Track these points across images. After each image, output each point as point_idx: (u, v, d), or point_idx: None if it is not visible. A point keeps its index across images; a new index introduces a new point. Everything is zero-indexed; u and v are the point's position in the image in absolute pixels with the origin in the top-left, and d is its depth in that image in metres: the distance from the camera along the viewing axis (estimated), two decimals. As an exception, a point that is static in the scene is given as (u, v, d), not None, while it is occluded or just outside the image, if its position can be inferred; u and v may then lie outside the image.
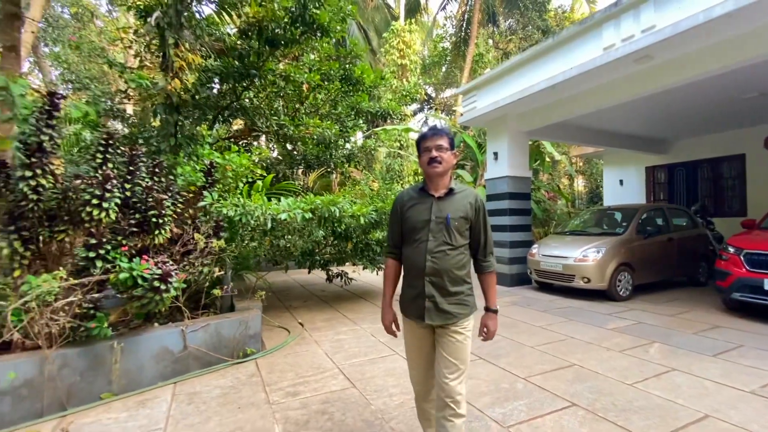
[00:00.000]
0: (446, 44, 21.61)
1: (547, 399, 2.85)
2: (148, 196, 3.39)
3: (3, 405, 2.53)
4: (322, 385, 3.15)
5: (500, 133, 7.88)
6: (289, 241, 4.89)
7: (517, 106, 7.14)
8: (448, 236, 1.80)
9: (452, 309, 1.80)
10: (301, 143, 5.77)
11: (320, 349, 4.02)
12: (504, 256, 7.53)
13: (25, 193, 2.89)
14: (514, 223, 7.62)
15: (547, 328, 4.66)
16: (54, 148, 3.00)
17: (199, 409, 2.76)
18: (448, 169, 1.86)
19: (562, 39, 6.00)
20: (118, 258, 3.09)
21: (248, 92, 5.71)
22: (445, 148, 1.84)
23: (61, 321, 2.73)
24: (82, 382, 2.83)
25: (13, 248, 2.91)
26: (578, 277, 6.13)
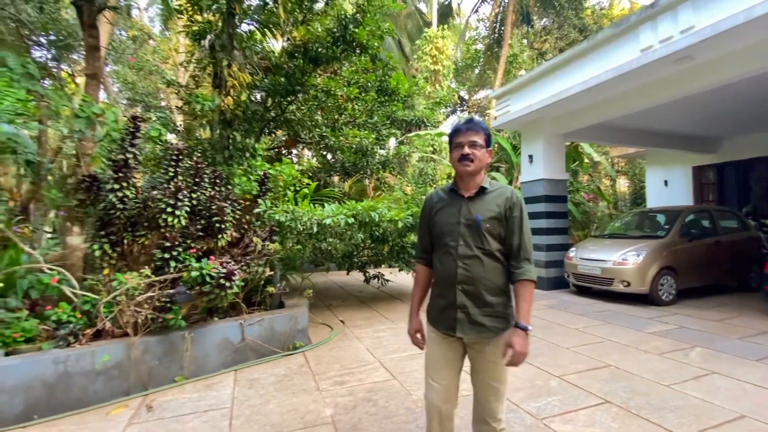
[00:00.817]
0: (479, 46, 21.56)
1: (581, 396, 2.97)
2: (211, 204, 3.83)
3: (98, 383, 2.99)
4: (365, 376, 3.43)
5: (535, 136, 7.90)
6: (331, 244, 5.23)
7: (552, 109, 7.15)
8: (480, 240, 1.62)
9: (487, 322, 1.62)
10: (339, 152, 6.12)
11: (362, 345, 4.30)
12: (540, 259, 7.53)
13: (114, 203, 3.38)
14: (550, 226, 7.60)
15: (584, 331, 4.70)
16: (136, 164, 3.48)
17: (259, 393, 3.11)
18: (481, 168, 1.68)
19: (596, 42, 6.00)
20: (187, 259, 3.53)
21: (291, 106, 6.14)
22: (479, 145, 1.66)
23: (144, 312, 3.17)
24: (160, 366, 3.27)
25: (104, 250, 3.41)
26: (617, 280, 6.05)
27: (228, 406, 2.90)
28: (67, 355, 2.86)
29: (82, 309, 3.22)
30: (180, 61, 16.07)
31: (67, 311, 3.09)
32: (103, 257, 3.41)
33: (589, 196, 14.11)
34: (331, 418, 2.68)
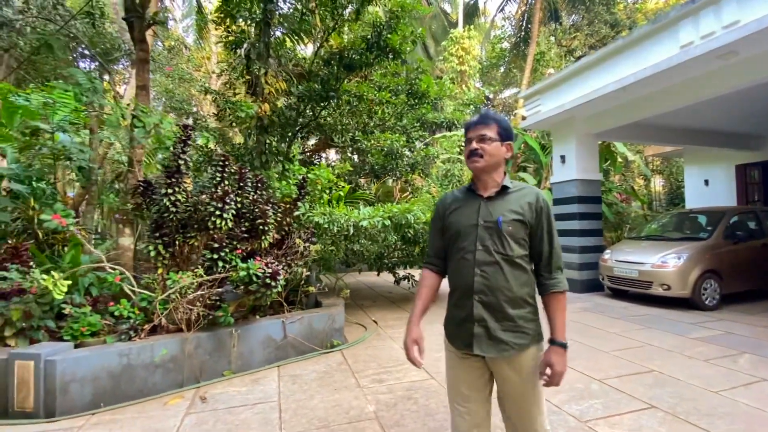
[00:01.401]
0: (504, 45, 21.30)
1: (624, 400, 2.94)
2: (254, 207, 4.01)
3: (156, 375, 3.20)
4: (403, 375, 3.50)
5: (567, 136, 7.77)
6: (363, 245, 5.35)
7: (585, 109, 7.02)
8: (501, 244, 1.46)
9: (509, 338, 1.45)
10: (370, 155, 6.25)
11: (396, 345, 4.38)
12: (573, 261, 7.39)
13: (167, 207, 3.61)
14: (583, 227, 7.45)
15: (623, 335, 4.60)
16: (186, 170, 3.70)
17: (302, 388, 3.25)
18: (494, 164, 1.51)
19: (633, 39, 5.86)
20: (234, 259, 3.72)
21: (324, 111, 6.31)
22: (489, 139, 1.50)
23: (196, 310, 3.37)
24: (210, 360, 3.46)
25: (158, 251, 3.64)
26: (656, 283, 5.88)
27: (275, 399, 3.05)
28: (130, 348, 3.08)
29: (139, 306, 3.46)
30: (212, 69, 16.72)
31: (128, 307, 3.33)
32: (157, 257, 3.64)
33: (621, 196, 13.69)
34: (374, 414, 2.77)
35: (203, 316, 3.43)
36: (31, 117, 6.16)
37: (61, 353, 2.88)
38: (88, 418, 2.80)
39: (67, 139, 5.58)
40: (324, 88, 5.26)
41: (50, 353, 2.82)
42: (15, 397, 2.76)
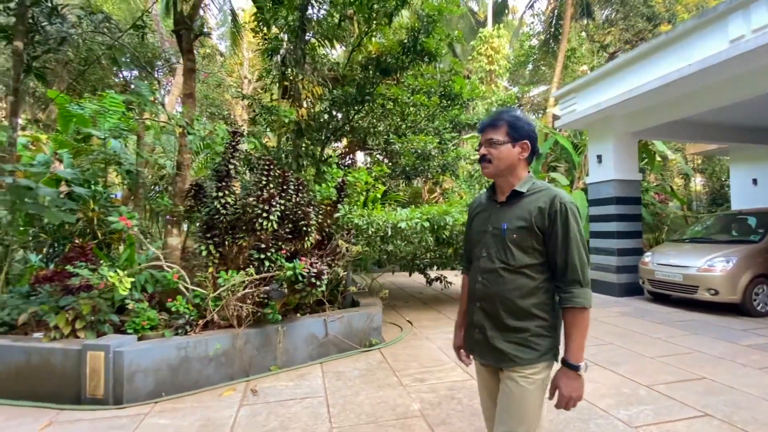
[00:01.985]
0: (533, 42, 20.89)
1: (675, 407, 2.87)
2: (297, 209, 4.16)
3: (210, 368, 3.38)
4: (444, 375, 3.55)
5: (604, 135, 7.57)
6: (397, 246, 5.42)
7: (624, 107, 6.82)
8: (503, 252, 1.41)
9: (509, 349, 1.38)
10: (403, 157, 6.32)
11: (433, 345, 4.42)
12: (611, 264, 7.19)
13: (217, 209, 3.80)
14: (622, 229, 7.24)
15: (668, 341, 4.46)
16: (235, 174, 3.89)
17: (347, 384, 3.35)
18: (505, 168, 1.44)
19: (677, 34, 5.66)
20: (279, 259, 3.88)
21: (357, 114, 6.43)
22: (496, 142, 1.43)
23: (246, 307, 3.54)
24: (258, 355, 3.62)
25: (209, 251, 3.84)
26: (702, 288, 5.65)
27: (322, 395, 3.16)
28: (187, 342, 3.28)
29: (193, 302, 3.66)
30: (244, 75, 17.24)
31: (183, 304, 3.54)
32: (208, 257, 3.85)
33: (660, 196, 13.15)
34: (420, 412, 2.84)
35: (252, 313, 3.59)
36: (84, 124, 6.62)
37: (126, 345, 3.10)
38: (152, 406, 3.00)
39: (117, 145, 5.96)
40: (360, 92, 5.37)
41: (118, 345, 3.05)
42: (87, 385, 2.99)
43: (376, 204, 4.74)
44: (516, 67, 18.94)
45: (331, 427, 2.64)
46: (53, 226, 5.00)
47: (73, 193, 4.61)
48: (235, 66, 18.04)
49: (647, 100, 6.42)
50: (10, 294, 3.90)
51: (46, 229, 4.98)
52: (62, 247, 4.82)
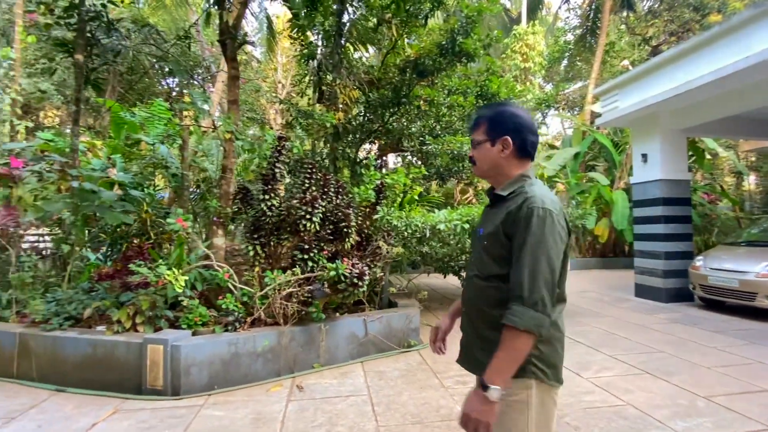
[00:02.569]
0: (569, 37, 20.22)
1: (737, 420, 2.72)
2: (337, 211, 4.25)
3: (257, 364, 3.52)
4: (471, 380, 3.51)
5: (650, 133, 7.23)
6: (433, 248, 5.41)
7: (673, 103, 6.49)
8: (479, 259, 1.33)
9: (483, 358, 1.22)
10: (439, 158, 6.31)
11: (473, 348, 4.39)
12: (658, 268, 6.87)
13: (264, 211, 3.95)
14: (669, 231, 6.89)
15: (725, 350, 4.21)
16: (281, 178, 4.03)
17: (389, 384, 3.39)
18: (490, 169, 1.34)
19: (732, 25, 5.34)
20: (321, 259, 3.98)
21: (393, 117, 6.48)
22: (477, 142, 1.35)
23: (292, 306, 3.66)
24: (302, 352, 3.73)
25: (256, 251, 3.99)
26: (762, 295, 5.29)
27: (365, 393, 3.22)
28: (237, 338, 3.43)
29: (241, 300, 3.82)
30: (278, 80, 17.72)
31: (233, 301, 3.70)
32: (254, 257, 4.00)
33: (709, 196, 12.39)
34: (465, 415, 2.83)
35: (297, 312, 3.70)
36: (134, 130, 7.04)
37: (183, 340, 3.28)
38: (206, 398, 3.16)
39: (164, 150, 6.31)
40: (396, 94, 5.42)
41: (175, 339, 3.23)
42: (148, 376, 3.19)
43: (413, 205, 4.76)
44: (550, 64, 18.40)
45: (378, 426, 2.69)
46: (111, 226, 5.35)
47: (128, 196, 4.91)
48: (269, 71, 18.58)
49: (699, 95, 6.08)
50: (74, 290, 4.21)
51: (105, 230, 5.34)
52: (119, 246, 5.15)
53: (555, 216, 1.19)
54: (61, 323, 3.58)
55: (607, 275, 10.36)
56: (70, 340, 3.41)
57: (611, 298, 7.28)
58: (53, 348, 3.43)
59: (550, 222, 1.18)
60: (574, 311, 6.14)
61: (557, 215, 1.20)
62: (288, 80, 17.35)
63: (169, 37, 11.53)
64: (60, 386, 3.33)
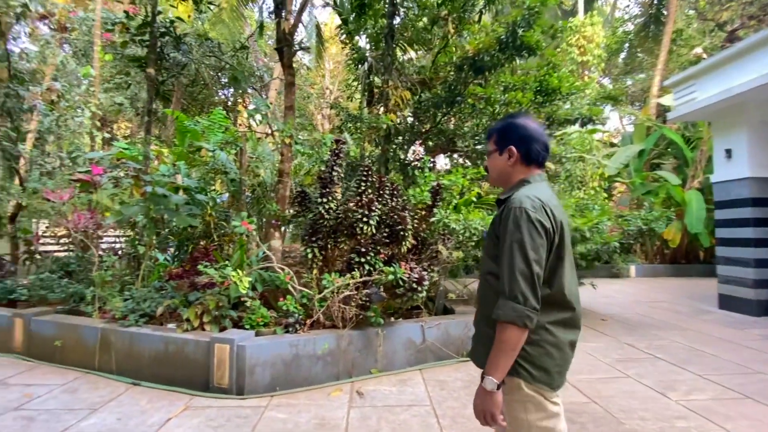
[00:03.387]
0: (628, 27, 18.86)
1: None
2: (392, 213, 4.17)
3: (317, 367, 3.51)
4: (557, 394, 3.25)
5: (734, 126, 6.47)
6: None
7: (763, 92, 5.76)
8: (483, 258, 1.47)
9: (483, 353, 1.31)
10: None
11: (538, 359, 4.11)
12: (747, 277, 6.11)
13: (321, 213, 3.96)
14: (760, 236, 6.11)
15: None
16: (339, 181, 4.02)
17: (452, 395, 3.23)
18: (499, 176, 1.46)
19: None
20: (377, 263, 3.91)
21: (445, 117, 6.32)
22: (489, 152, 1.48)
23: (350, 309, 3.62)
24: (360, 357, 3.68)
25: (314, 253, 4.01)
26: None
27: (428, 404, 3.09)
28: (298, 340, 3.44)
29: (300, 302, 3.85)
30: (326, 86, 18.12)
31: (293, 303, 3.73)
32: (313, 259, 4.02)
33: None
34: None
35: (355, 315, 3.66)
36: (197, 138, 7.44)
37: (247, 340, 3.34)
38: (269, 399, 3.19)
39: (224, 156, 6.61)
40: (451, 93, 5.26)
41: (240, 339, 3.30)
42: (214, 375, 3.28)
43: (469, 207, 4.57)
44: (609, 57, 17.27)
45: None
46: (179, 229, 5.67)
47: (194, 199, 5.16)
48: (317, 78, 19.06)
49: (798, 81, 5.34)
50: (146, 289, 4.47)
51: (173, 232, 5.66)
52: (186, 247, 5.43)
53: (530, 213, 1.25)
54: (137, 320, 3.80)
55: (680, 284, 9.46)
56: (145, 336, 3.60)
57: (690, 309, 6.59)
58: (130, 343, 3.64)
59: (525, 219, 1.25)
60: (649, 323, 5.61)
61: (534, 212, 1.26)
62: (335, 86, 17.69)
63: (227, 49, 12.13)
64: (135, 380, 3.52)
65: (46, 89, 6.98)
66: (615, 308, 6.70)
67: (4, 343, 4.09)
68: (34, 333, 3.99)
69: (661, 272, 11.10)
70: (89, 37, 11.07)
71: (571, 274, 1.37)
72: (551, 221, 1.28)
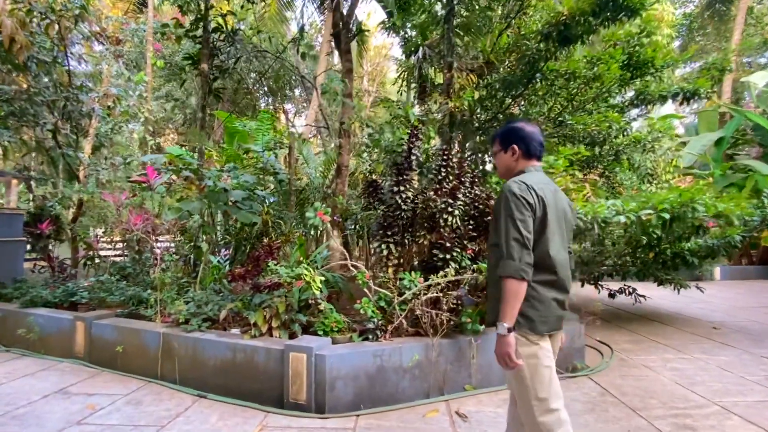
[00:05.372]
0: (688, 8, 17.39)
1: None
2: (476, 203, 3.62)
3: (405, 381, 2.99)
4: (716, 422, 2.55)
5: None
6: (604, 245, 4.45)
7: None
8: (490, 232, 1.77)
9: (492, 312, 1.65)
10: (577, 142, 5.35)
11: (662, 377, 3.39)
12: None
13: (398, 204, 3.47)
14: None
15: None
16: (416, 166, 3.52)
17: (578, 422, 2.61)
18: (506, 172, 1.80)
19: None
20: (463, 259, 3.36)
21: (515, 99, 5.69)
22: (495, 153, 1.85)
23: (441, 314, 3.09)
24: (452, 370, 3.12)
25: (390, 250, 3.52)
26: None
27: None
28: (383, 349, 2.94)
29: (378, 305, 3.36)
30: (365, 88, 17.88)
31: (371, 306, 3.25)
32: (388, 256, 3.53)
33: None
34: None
35: (447, 321, 3.12)
36: (244, 140, 7.23)
37: (325, 348, 2.89)
38: (355, 419, 2.71)
39: (272, 159, 6.35)
40: (532, 68, 4.65)
41: (318, 347, 2.85)
42: (290, 388, 2.84)
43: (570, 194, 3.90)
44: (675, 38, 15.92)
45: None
46: (235, 228, 5.39)
47: (254, 195, 4.84)
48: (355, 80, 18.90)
49: None
50: (206, 291, 4.16)
51: (230, 232, 5.39)
52: (243, 248, 5.13)
53: (516, 192, 1.57)
54: (200, 324, 3.46)
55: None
56: (210, 342, 3.24)
57: (814, 315, 5.55)
58: (194, 350, 3.29)
59: (512, 198, 1.57)
60: (757, 330, 4.74)
61: (519, 192, 1.57)
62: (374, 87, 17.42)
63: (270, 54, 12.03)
64: (201, 391, 3.15)
65: (103, 95, 7.02)
66: (718, 315, 5.77)
67: (67, 349, 3.88)
68: (95, 337, 3.75)
69: (750, 274, 9.80)
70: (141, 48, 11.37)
71: (559, 244, 1.62)
72: (534, 198, 1.56)
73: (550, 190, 1.64)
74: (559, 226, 1.63)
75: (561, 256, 1.61)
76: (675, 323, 5.32)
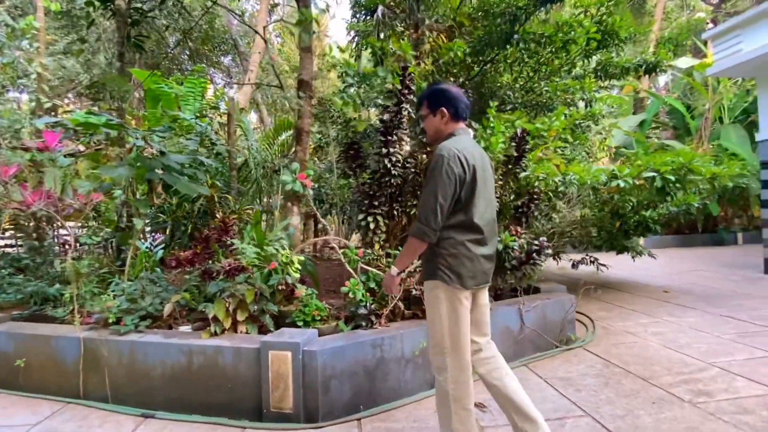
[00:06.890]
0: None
1: None
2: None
3: (406, 372, 2.58)
4: (725, 386, 2.51)
5: (786, 79, 6.03)
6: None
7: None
8: None
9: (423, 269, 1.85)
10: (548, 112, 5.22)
11: (649, 342, 3.39)
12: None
13: (387, 168, 2.97)
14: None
15: None
16: (408, 124, 3.03)
17: (598, 398, 2.41)
18: (434, 134, 1.87)
19: None
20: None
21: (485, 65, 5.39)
22: (423, 116, 1.89)
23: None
24: (454, 355, 2.77)
25: (377, 222, 3.03)
26: None
27: (580, 412, 2.26)
28: (382, 338, 2.48)
29: (368, 287, 2.87)
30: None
31: (361, 289, 2.75)
32: (374, 231, 3.04)
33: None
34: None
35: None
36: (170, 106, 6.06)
37: (313, 342, 2.35)
38: (356, 425, 2.23)
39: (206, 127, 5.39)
40: (511, 28, 4.35)
41: (306, 342, 2.30)
42: (270, 395, 2.27)
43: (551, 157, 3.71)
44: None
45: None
46: (171, 206, 4.46)
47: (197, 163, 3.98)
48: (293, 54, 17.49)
49: None
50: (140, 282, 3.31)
51: (163, 209, 4.44)
52: (184, 228, 4.26)
53: (445, 159, 1.65)
54: (137, 323, 2.70)
55: (696, 254, 9.23)
56: (154, 345, 2.51)
57: (736, 276, 6.18)
58: (131, 357, 2.54)
59: (441, 164, 1.66)
60: (715, 293, 5.08)
61: (449, 158, 1.65)
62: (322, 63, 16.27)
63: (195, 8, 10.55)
64: (146, 410, 2.44)
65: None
66: (662, 280, 6.18)
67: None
68: (-17, 351, 2.78)
69: (669, 243, 10.89)
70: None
71: (485, 206, 1.75)
72: (463, 166, 1.66)
73: (478, 154, 1.76)
74: (485, 188, 1.75)
75: (488, 214, 1.77)
76: (629, 289, 5.57)
